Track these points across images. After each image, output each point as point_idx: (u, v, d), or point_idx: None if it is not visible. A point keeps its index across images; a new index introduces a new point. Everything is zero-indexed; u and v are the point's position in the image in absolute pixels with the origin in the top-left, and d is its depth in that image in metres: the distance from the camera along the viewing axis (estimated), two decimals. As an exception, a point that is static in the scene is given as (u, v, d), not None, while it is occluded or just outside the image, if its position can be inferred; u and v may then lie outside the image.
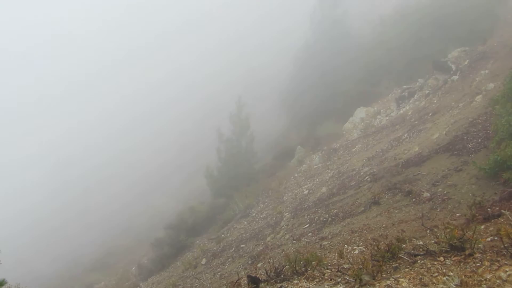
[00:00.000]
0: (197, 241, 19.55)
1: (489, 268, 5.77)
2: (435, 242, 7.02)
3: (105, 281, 25.13)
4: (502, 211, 7.62)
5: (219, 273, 13.22)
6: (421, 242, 7.40)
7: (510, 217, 7.30)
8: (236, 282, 7.89)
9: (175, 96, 59.78)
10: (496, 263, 5.85)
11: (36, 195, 59.27)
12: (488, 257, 6.08)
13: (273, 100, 33.54)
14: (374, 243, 7.54)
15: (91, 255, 36.31)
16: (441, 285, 5.60)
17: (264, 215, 17.29)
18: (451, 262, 6.23)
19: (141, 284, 18.79)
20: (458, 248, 6.41)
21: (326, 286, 6.57)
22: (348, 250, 8.62)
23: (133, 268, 23.30)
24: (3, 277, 6.80)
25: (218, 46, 61.73)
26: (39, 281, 34.66)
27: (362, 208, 11.29)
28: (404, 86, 22.78)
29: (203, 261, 16.00)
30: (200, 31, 69.71)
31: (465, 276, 5.66)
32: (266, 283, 7.33)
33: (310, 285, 6.81)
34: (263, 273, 8.19)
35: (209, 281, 12.72)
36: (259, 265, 11.26)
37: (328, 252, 9.08)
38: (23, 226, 52.17)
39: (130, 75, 73.67)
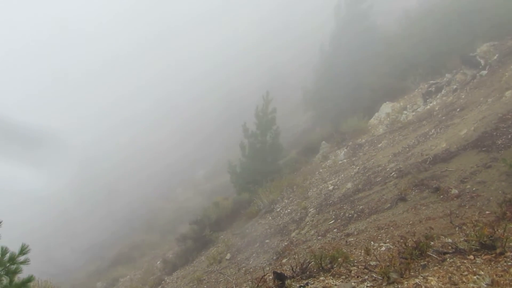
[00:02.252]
0: (222, 236, 19.58)
1: (521, 268, 5.66)
2: (465, 240, 6.89)
3: (130, 275, 25.37)
4: (533, 209, 7.47)
5: (243, 268, 13.23)
6: (450, 240, 7.29)
7: (542, 215, 7.15)
8: (261, 278, 7.86)
9: (200, 91, 59.98)
10: (528, 262, 5.74)
11: (60, 191, 60.04)
12: (519, 256, 5.97)
13: (297, 95, 33.40)
14: (402, 240, 7.46)
15: (116, 249, 36.69)
16: (471, 284, 5.51)
17: (288, 210, 17.25)
18: (482, 260, 6.12)
19: (166, 278, 18.91)
20: (488, 246, 6.29)
21: (353, 283, 6.51)
22: (375, 247, 8.53)
23: (158, 263, 23.47)
24: (31, 274, 6.84)
25: (242, 42, 61.66)
26: (64, 274, 35.18)
27: (388, 205, 11.18)
28: (431, 81, 22.48)
29: (228, 256, 16.03)
30: (223, 26, 69.83)
31: (496, 275, 5.56)
32: (292, 279, 7.29)
33: (337, 282, 6.76)
34: (288, 269, 8.16)
35: (234, 276, 12.73)
36: (284, 260, 11.22)
37: (354, 249, 9.00)
38: (47, 220, 52.89)
39: (153, 72, 74.16)
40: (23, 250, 6.32)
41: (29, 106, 77.39)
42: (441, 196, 9.96)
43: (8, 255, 6.19)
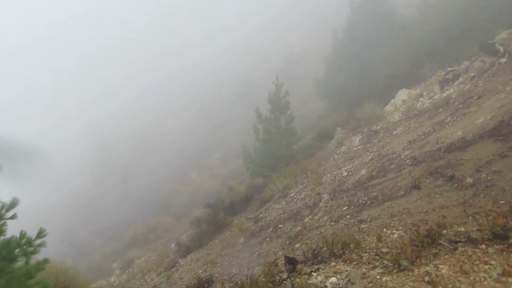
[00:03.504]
0: (235, 220, 19.71)
1: (533, 258, 5.66)
2: (477, 229, 6.88)
3: (145, 257, 25.66)
4: (548, 199, 7.44)
5: (256, 252, 13.34)
6: (462, 229, 7.28)
7: (556, 206, 7.12)
8: (273, 262, 7.94)
9: (214, 76, 59.98)
10: (540, 253, 5.73)
11: (76, 173, 60.69)
12: (532, 246, 5.96)
13: (312, 81, 33.24)
14: (414, 228, 7.47)
15: (131, 231, 37.10)
16: (482, 274, 5.53)
17: (302, 196, 17.30)
18: (494, 250, 6.12)
19: (180, 260, 19.10)
20: (501, 236, 6.28)
21: (363, 269, 6.56)
22: (387, 234, 8.55)
23: (172, 245, 23.70)
24: (50, 255, 7.01)
25: (259, 31, 61.41)
26: (81, 255, 35.72)
27: (402, 192, 11.16)
28: (448, 68, 22.25)
29: (241, 240, 16.16)
30: (237, 11, 69.60)
31: (507, 265, 5.57)
32: (303, 264, 7.36)
33: (348, 268, 6.81)
34: (300, 254, 8.23)
35: (247, 260, 12.85)
36: (296, 245, 11.30)
37: (367, 235, 9.03)
38: (65, 203, 53.56)
39: (162, 60, 74.34)
40: (40, 234, 6.47)
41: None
42: (456, 185, 9.93)
43: (25, 238, 6.33)
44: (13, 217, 6.14)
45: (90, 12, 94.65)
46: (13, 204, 6.13)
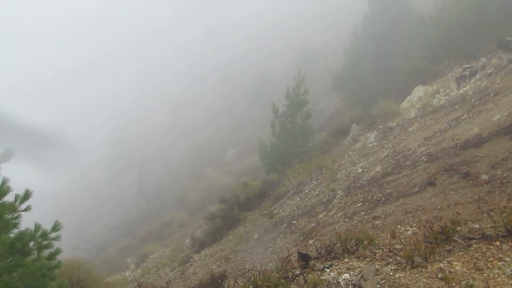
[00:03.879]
0: (250, 216, 19.74)
1: (547, 255, 5.62)
2: (492, 226, 6.84)
3: (160, 252, 25.82)
4: None
5: (270, 248, 13.36)
6: (476, 226, 7.24)
7: None
8: (286, 258, 7.96)
9: (231, 72, 60.05)
10: (555, 250, 5.69)
11: (93, 167, 61.18)
12: (546, 244, 5.92)
13: (328, 78, 33.18)
14: (428, 225, 7.44)
15: (146, 226, 37.33)
16: (496, 270, 5.50)
17: (316, 192, 17.28)
18: (508, 247, 6.09)
19: (194, 256, 19.19)
20: (515, 233, 6.25)
21: (376, 266, 6.55)
22: (401, 231, 8.53)
23: (187, 240, 23.82)
24: (66, 249, 7.05)
25: (276, 26, 61.30)
26: (96, 250, 36.04)
27: (417, 189, 11.11)
28: (465, 65, 22.08)
29: (255, 236, 16.18)
30: (253, 7, 69.55)
31: (521, 262, 5.53)
32: (316, 260, 7.36)
33: (361, 264, 6.80)
34: (313, 250, 8.23)
35: (260, 256, 12.87)
36: (310, 242, 11.30)
37: (381, 232, 9.01)
38: (80, 197, 54.03)
39: (185, 52, 74.51)
40: (56, 227, 6.50)
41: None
42: (471, 182, 9.86)
43: (40, 231, 6.37)
44: (27, 209, 6.17)
45: (109, 9, 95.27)
46: (26, 196, 6.16)
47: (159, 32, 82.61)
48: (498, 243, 6.26)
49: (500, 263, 5.63)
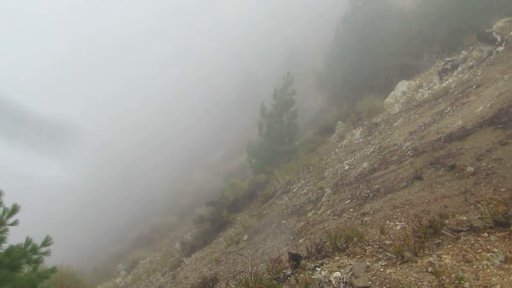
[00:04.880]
0: (239, 217, 19.75)
1: (535, 244, 5.67)
2: (479, 218, 6.90)
3: (150, 257, 25.73)
4: (549, 185, 7.43)
5: (260, 249, 13.36)
6: (464, 218, 7.30)
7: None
8: (277, 259, 7.96)
9: (215, 74, 59.98)
10: (542, 239, 5.74)
11: (78, 176, 60.76)
12: (534, 233, 5.97)
13: (312, 76, 33.27)
14: (416, 219, 7.47)
15: (135, 231, 37.16)
16: (485, 262, 5.55)
17: (305, 190, 17.32)
18: (495, 238, 6.14)
19: (185, 260, 19.16)
20: (502, 223, 6.31)
21: (367, 262, 6.57)
22: (390, 226, 8.57)
23: (177, 244, 23.76)
24: (55, 258, 6.97)
25: (260, 26, 61.29)
26: (86, 257, 35.76)
27: (404, 183, 11.17)
28: (447, 59, 22.25)
29: (245, 237, 16.19)
30: (235, 6, 69.50)
31: (509, 252, 5.59)
32: (307, 259, 7.37)
33: (351, 262, 6.82)
34: (304, 250, 8.24)
35: (251, 257, 12.87)
36: (300, 241, 11.31)
37: (370, 228, 9.05)
38: (68, 203, 53.58)
39: (167, 54, 74.28)
40: (46, 242, 6.45)
41: (34, 92, 78.23)
42: (457, 174, 9.93)
43: (30, 245, 6.31)
44: (14, 223, 6.12)
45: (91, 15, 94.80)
46: (14, 210, 6.11)
47: (142, 43, 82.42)
48: (486, 234, 6.31)
49: (488, 254, 5.68)
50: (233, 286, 9.20)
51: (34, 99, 71.13)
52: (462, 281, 4.87)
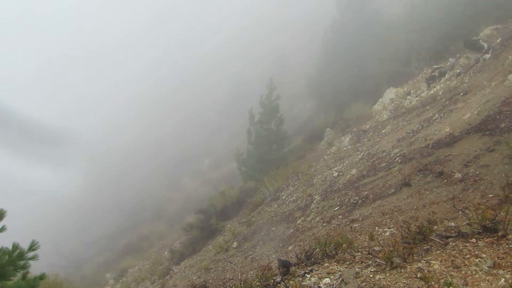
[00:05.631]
0: (228, 225, 19.69)
1: (522, 250, 5.71)
2: (467, 224, 6.94)
3: (139, 265, 25.57)
4: (536, 191, 7.49)
5: (250, 256, 13.34)
6: (452, 224, 7.34)
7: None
8: (267, 266, 7.94)
9: (204, 81, 59.97)
10: (530, 244, 5.78)
11: (68, 186, 60.37)
12: (521, 238, 6.01)
13: (302, 83, 33.38)
14: (405, 225, 7.50)
15: (124, 240, 36.95)
16: (473, 267, 5.57)
17: (294, 198, 17.31)
18: (484, 243, 6.18)
19: (174, 268, 19.05)
20: (490, 229, 6.35)
21: (356, 269, 6.58)
22: (379, 233, 8.60)
23: (166, 252, 23.64)
24: (43, 267, 6.89)
25: (248, 34, 61.40)
26: (74, 266, 35.49)
27: (393, 190, 11.22)
28: (434, 66, 22.42)
29: (234, 244, 16.14)
30: (224, 13, 69.65)
31: (498, 257, 5.62)
32: (296, 266, 7.37)
33: (341, 268, 6.83)
34: (293, 256, 8.24)
35: (240, 264, 12.84)
36: (289, 248, 11.31)
37: (359, 235, 9.07)
38: (56, 215, 53.24)
39: (154, 61, 74.20)
40: (32, 247, 6.37)
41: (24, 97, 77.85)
42: (445, 181, 9.99)
43: (17, 251, 6.23)
44: (2, 230, 6.05)
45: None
46: (0, 215, 6.04)
47: (130, 46, 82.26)
48: (474, 240, 6.35)
49: (477, 260, 5.71)
50: (222, 293, 9.17)
51: (19, 101, 70.78)
52: (451, 287, 4.88)
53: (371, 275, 6.24)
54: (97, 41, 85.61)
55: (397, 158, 13.79)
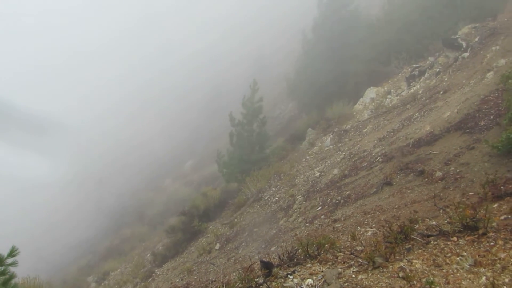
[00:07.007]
0: (211, 227, 19.62)
1: (503, 247, 5.73)
2: (448, 222, 6.97)
3: (121, 268, 25.36)
4: (515, 189, 7.54)
5: (233, 258, 13.29)
6: (434, 222, 7.36)
7: (523, 195, 7.23)
8: (249, 267, 7.89)
9: (187, 82, 59.86)
10: (510, 242, 5.82)
11: (49, 186, 59.77)
12: (501, 236, 6.04)
13: (283, 85, 33.43)
14: (387, 225, 7.51)
15: (106, 242, 36.67)
16: (454, 266, 5.59)
17: (276, 198, 17.29)
18: (465, 242, 6.20)
19: (156, 270, 18.94)
20: (471, 227, 6.37)
21: (339, 269, 6.56)
22: (361, 232, 8.60)
23: (148, 255, 23.49)
24: (23, 272, 6.79)
25: (230, 37, 61.44)
26: (55, 270, 35.12)
27: (374, 189, 11.25)
28: (414, 65, 22.58)
29: (217, 246, 16.08)
30: (206, 14, 69.62)
31: (478, 255, 5.64)
32: (279, 267, 7.32)
33: (323, 269, 6.80)
34: (276, 257, 8.19)
35: (223, 266, 12.78)
36: (272, 249, 11.28)
37: (341, 234, 9.06)
38: (37, 217, 52.67)
39: (136, 61, 73.89)
40: (12, 252, 6.25)
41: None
42: (426, 179, 10.04)
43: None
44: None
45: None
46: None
47: (112, 50, 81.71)
48: (455, 238, 6.37)
49: (458, 258, 5.72)
50: (205, 296, 9.11)
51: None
52: (432, 286, 4.88)
53: (353, 275, 6.22)
54: (83, 44, 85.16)
55: (378, 158, 13.83)
